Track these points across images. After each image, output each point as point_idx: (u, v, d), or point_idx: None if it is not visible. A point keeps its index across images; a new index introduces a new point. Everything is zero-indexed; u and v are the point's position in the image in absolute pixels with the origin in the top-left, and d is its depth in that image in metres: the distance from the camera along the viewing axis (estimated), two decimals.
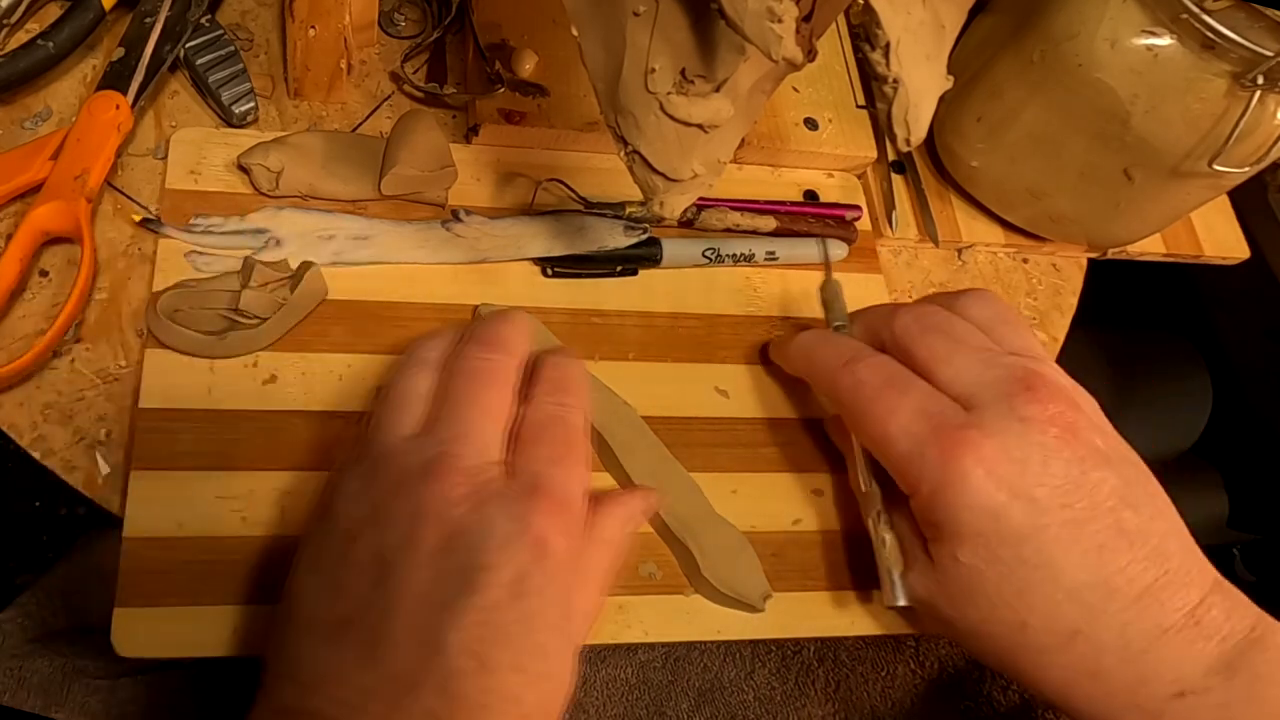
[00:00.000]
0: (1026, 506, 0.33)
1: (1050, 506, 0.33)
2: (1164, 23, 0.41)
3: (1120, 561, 0.33)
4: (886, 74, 0.30)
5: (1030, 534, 0.33)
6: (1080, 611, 0.33)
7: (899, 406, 0.35)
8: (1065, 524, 0.33)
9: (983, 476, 0.33)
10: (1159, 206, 0.49)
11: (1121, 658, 0.33)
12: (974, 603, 0.34)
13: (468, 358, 0.34)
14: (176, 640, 0.35)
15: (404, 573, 0.29)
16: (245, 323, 0.38)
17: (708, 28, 0.30)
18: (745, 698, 0.53)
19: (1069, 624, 0.33)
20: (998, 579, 0.33)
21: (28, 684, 0.44)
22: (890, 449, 0.35)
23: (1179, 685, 0.32)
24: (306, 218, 0.42)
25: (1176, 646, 0.33)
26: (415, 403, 0.34)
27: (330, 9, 0.42)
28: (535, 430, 0.33)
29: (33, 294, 0.39)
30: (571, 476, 0.32)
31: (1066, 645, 0.33)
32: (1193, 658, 0.33)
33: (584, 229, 0.45)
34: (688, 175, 0.33)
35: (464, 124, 0.47)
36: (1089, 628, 0.33)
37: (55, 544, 1.02)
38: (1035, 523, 0.33)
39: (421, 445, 0.32)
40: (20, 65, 0.41)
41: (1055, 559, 0.33)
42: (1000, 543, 0.33)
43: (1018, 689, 0.47)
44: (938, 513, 0.34)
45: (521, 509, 0.30)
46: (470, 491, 0.30)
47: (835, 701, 0.52)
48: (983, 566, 0.33)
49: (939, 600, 0.35)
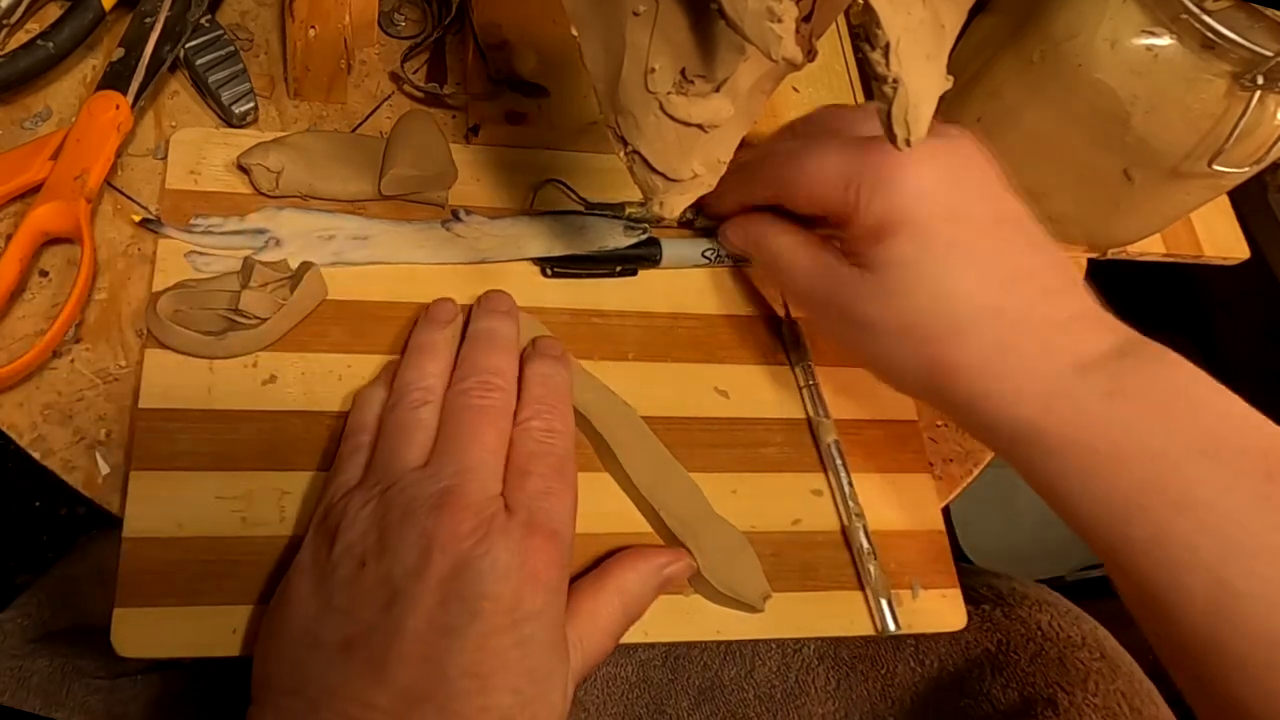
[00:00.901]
0: (953, 192, 0.36)
1: (973, 196, 0.36)
2: (1164, 23, 0.41)
3: (1031, 256, 0.36)
4: (886, 74, 0.30)
5: (956, 216, 0.36)
6: (999, 289, 0.35)
7: (827, 147, 0.38)
8: (986, 217, 0.36)
9: (915, 164, 0.36)
10: (1159, 207, 0.49)
11: (1033, 331, 0.35)
12: (906, 291, 0.36)
13: (470, 398, 0.37)
14: (176, 640, 0.35)
15: (412, 599, 0.31)
16: (245, 323, 0.38)
17: (708, 28, 0.30)
18: (745, 696, 0.53)
19: (989, 300, 0.35)
20: (930, 261, 0.36)
21: (27, 684, 0.44)
22: (826, 175, 0.37)
23: (1081, 359, 0.34)
24: (306, 218, 0.42)
25: (1080, 327, 0.35)
26: (419, 432, 0.36)
27: (330, 9, 0.42)
28: (527, 460, 0.36)
29: (33, 294, 0.39)
30: (561, 506, 0.35)
31: (983, 321, 0.35)
32: (1094, 340, 0.35)
33: (584, 229, 0.45)
34: (687, 175, 0.33)
35: (464, 124, 0.47)
36: (1006, 304, 0.35)
37: (55, 544, 1.02)
38: (961, 207, 0.36)
39: (428, 478, 0.34)
40: (20, 65, 0.41)
41: (978, 241, 0.36)
42: (933, 223, 0.36)
43: (1017, 688, 0.47)
44: (876, 207, 0.36)
45: (520, 544, 0.33)
46: (475, 526, 0.33)
47: (835, 700, 0.52)
48: (917, 253, 0.36)
49: (869, 305, 0.37)
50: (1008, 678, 0.48)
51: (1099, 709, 0.45)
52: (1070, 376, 0.34)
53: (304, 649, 0.32)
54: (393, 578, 0.32)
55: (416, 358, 0.39)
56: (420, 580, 0.32)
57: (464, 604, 0.31)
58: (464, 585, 0.31)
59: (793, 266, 0.41)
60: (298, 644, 0.32)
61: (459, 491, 0.33)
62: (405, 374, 0.38)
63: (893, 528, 0.43)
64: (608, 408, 0.41)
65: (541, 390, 0.38)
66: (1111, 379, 0.34)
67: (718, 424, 0.43)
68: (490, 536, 0.32)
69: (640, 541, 0.40)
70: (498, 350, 0.39)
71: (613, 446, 0.40)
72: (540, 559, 0.33)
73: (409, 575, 0.32)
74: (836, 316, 0.39)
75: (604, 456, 0.41)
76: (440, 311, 0.41)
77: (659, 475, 0.40)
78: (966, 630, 0.43)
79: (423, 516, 0.33)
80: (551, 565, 0.33)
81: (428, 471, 0.34)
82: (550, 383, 0.39)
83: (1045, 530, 1.02)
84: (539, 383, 0.38)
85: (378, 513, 0.33)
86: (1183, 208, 0.50)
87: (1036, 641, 0.48)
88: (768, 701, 0.52)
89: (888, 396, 0.45)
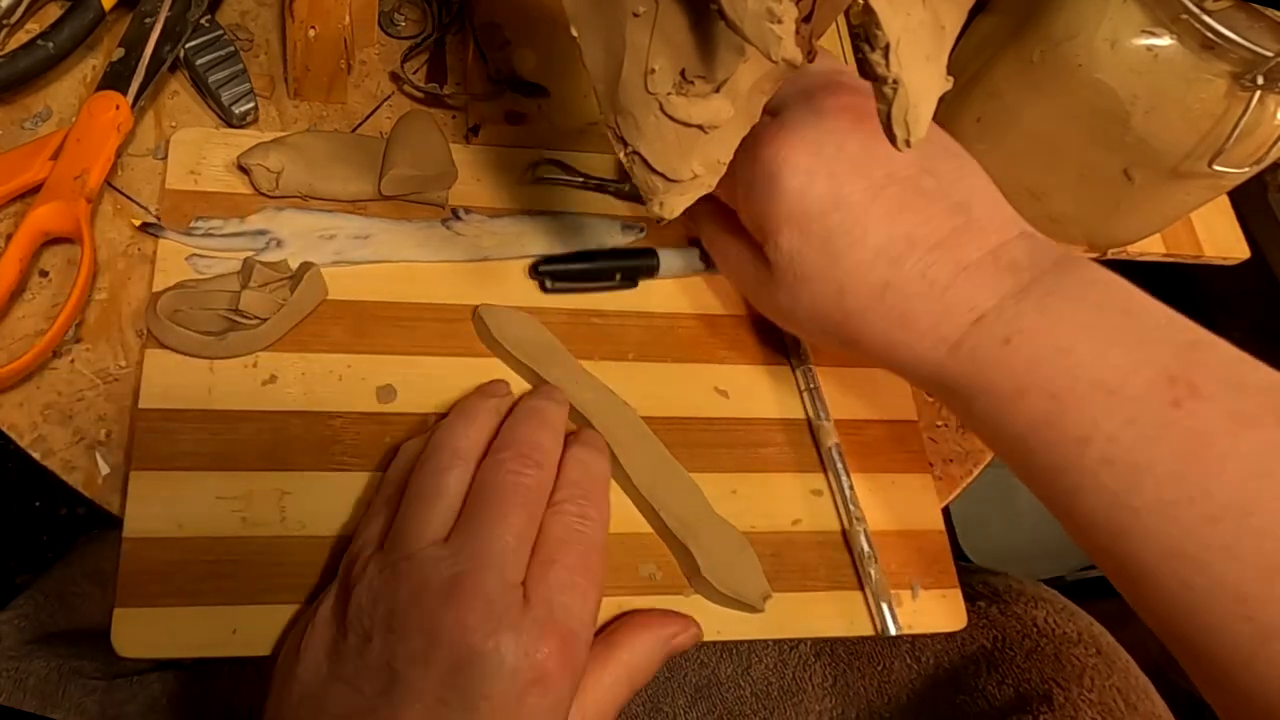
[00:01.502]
0: (826, 181, 0.36)
1: (848, 178, 0.36)
2: (1164, 23, 0.41)
3: (919, 217, 0.36)
4: (886, 75, 0.30)
5: (833, 205, 0.36)
6: (886, 264, 0.35)
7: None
8: (864, 191, 0.36)
9: (783, 162, 0.36)
10: (1159, 206, 0.49)
11: (926, 298, 0.35)
12: (803, 283, 0.37)
13: (504, 470, 0.35)
14: (176, 640, 0.35)
15: (411, 688, 0.30)
16: (245, 323, 0.38)
17: (708, 28, 0.30)
18: (742, 693, 0.53)
19: (879, 277, 0.36)
20: (817, 252, 0.36)
21: (24, 685, 0.44)
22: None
23: (977, 312, 0.35)
24: (307, 218, 0.42)
25: (975, 279, 0.35)
26: (445, 500, 0.34)
27: (330, 9, 0.42)
28: (554, 547, 0.34)
29: (33, 294, 0.39)
30: (584, 604, 0.33)
31: (880, 299, 0.36)
32: (990, 287, 0.35)
33: (582, 228, 0.45)
34: (687, 176, 0.33)
35: (464, 124, 0.47)
36: (895, 277, 0.35)
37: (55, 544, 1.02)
38: (836, 194, 0.36)
39: (444, 557, 0.32)
40: (20, 65, 0.41)
41: (858, 221, 0.36)
42: (809, 219, 0.36)
43: (1012, 684, 0.47)
44: (757, 208, 0.37)
45: (531, 644, 0.31)
46: (485, 619, 0.31)
47: (832, 696, 0.52)
48: (802, 245, 0.36)
49: (779, 298, 0.39)
50: (1004, 674, 0.48)
51: (1095, 705, 0.45)
52: (968, 331, 0.35)
53: (309, 711, 0.32)
54: (396, 660, 0.31)
55: (456, 420, 0.37)
56: (422, 670, 0.30)
57: (462, 700, 0.30)
58: (465, 681, 0.30)
59: (725, 262, 0.43)
60: (304, 705, 0.32)
61: (474, 579, 0.31)
62: (440, 434, 0.36)
63: (893, 528, 0.43)
64: (608, 408, 0.41)
65: (579, 475, 0.36)
66: (1008, 324, 0.34)
67: (718, 424, 0.43)
68: (500, 632, 0.31)
69: (640, 541, 0.40)
70: (543, 427, 0.37)
71: (613, 446, 0.40)
72: (550, 662, 0.31)
73: (412, 662, 0.31)
74: (766, 307, 0.41)
75: None
76: (492, 387, 0.40)
77: (659, 475, 0.40)
78: (962, 628, 0.43)
79: (433, 602, 0.31)
80: (562, 670, 0.32)
81: (446, 550, 0.33)
82: (589, 470, 0.37)
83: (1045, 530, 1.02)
84: (578, 468, 0.37)
85: (390, 585, 0.32)
86: (1183, 208, 0.50)
87: (1032, 638, 0.48)
88: (764, 698, 0.52)
89: (888, 396, 0.45)
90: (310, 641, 0.33)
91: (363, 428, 0.39)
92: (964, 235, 0.36)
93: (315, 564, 0.37)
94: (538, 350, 0.41)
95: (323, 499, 0.38)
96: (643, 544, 0.40)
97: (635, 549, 0.40)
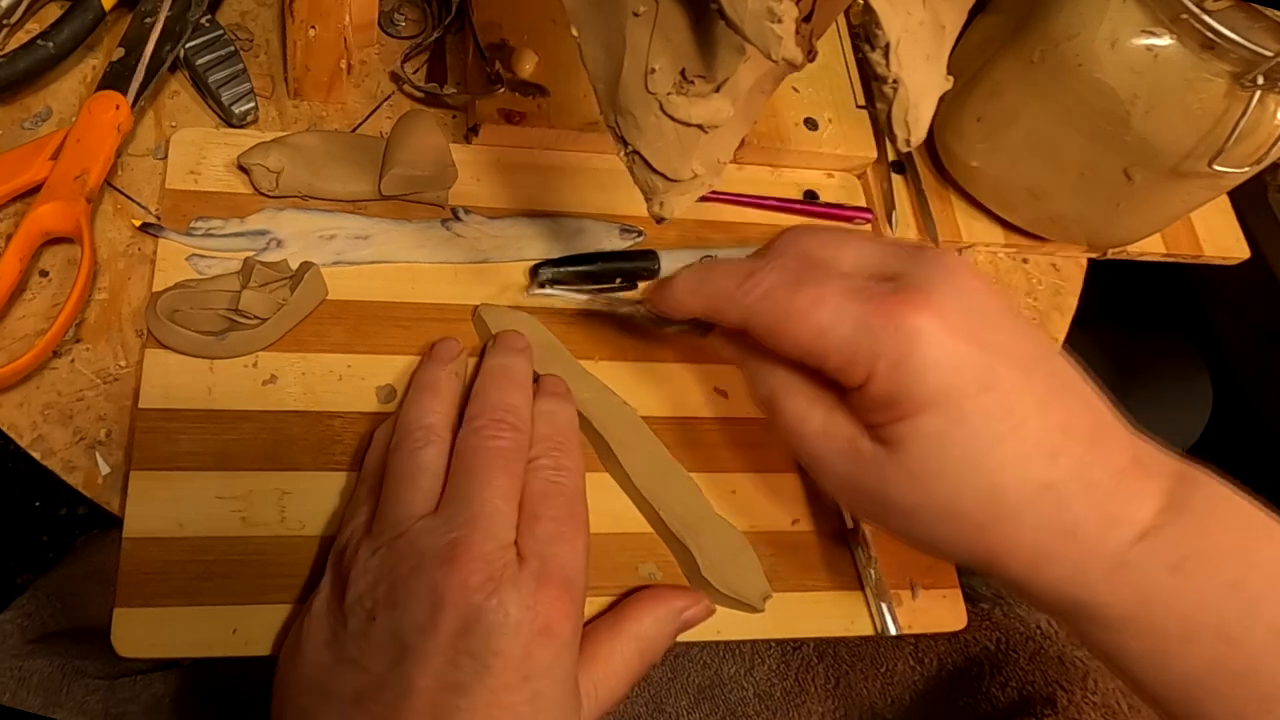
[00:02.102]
0: (982, 354, 0.31)
1: (1002, 352, 0.31)
2: (1164, 23, 0.41)
3: (1068, 406, 0.32)
4: (886, 74, 0.30)
5: (989, 383, 0.31)
6: (1045, 461, 0.31)
7: (822, 295, 0.32)
8: (1016, 370, 0.31)
9: (939, 329, 0.31)
10: (1159, 206, 0.49)
11: (1089, 504, 0.31)
12: (944, 475, 0.32)
13: (483, 436, 0.35)
14: (176, 640, 0.35)
15: (421, 655, 0.31)
16: (245, 323, 0.38)
17: (708, 28, 0.30)
18: (745, 694, 0.53)
19: (1037, 476, 0.31)
20: (966, 439, 0.31)
21: (27, 683, 0.44)
22: (828, 340, 0.32)
23: (1139, 526, 0.31)
24: (307, 218, 0.42)
25: (1132, 486, 0.32)
26: (426, 477, 0.35)
27: (330, 9, 0.42)
28: (538, 502, 0.35)
29: (33, 294, 0.39)
30: (573, 551, 0.34)
31: (1037, 502, 0.31)
32: (1147, 496, 0.32)
33: (581, 231, 0.45)
34: (688, 175, 0.33)
35: (464, 124, 0.47)
36: (1055, 476, 0.31)
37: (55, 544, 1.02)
38: (992, 371, 0.31)
39: (437, 527, 0.33)
40: (20, 65, 0.41)
41: (1015, 406, 0.31)
42: (964, 396, 0.31)
43: (1016, 686, 0.47)
44: (900, 384, 0.31)
45: (531, 596, 0.32)
46: (486, 579, 0.32)
47: (835, 698, 0.52)
48: (950, 429, 0.31)
49: (901, 490, 0.32)
50: (1007, 676, 0.48)
51: (1098, 707, 0.45)
52: (1133, 550, 0.31)
53: (316, 699, 0.32)
54: (403, 632, 0.31)
55: (419, 395, 0.37)
56: (430, 636, 0.31)
57: (474, 660, 0.31)
58: (474, 641, 0.31)
59: (804, 436, 0.35)
60: (310, 694, 0.32)
61: (469, 542, 0.32)
62: (408, 413, 0.37)
63: None
64: (608, 408, 0.41)
65: (549, 429, 0.37)
66: (1174, 546, 0.31)
67: (718, 424, 0.43)
68: (501, 589, 0.31)
69: (640, 541, 0.40)
70: (512, 387, 0.38)
71: (613, 446, 0.40)
72: (553, 611, 0.32)
73: (419, 631, 0.31)
74: (864, 498, 0.34)
75: (604, 456, 0.41)
76: (443, 350, 0.40)
77: (659, 475, 0.40)
78: (966, 629, 0.43)
79: (432, 569, 0.32)
80: (564, 617, 0.32)
81: (437, 520, 0.33)
82: (556, 420, 0.38)
83: None
84: (547, 422, 0.37)
85: (387, 563, 0.33)
86: (1183, 208, 0.50)
87: (1036, 640, 0.48)
88: (767, 700, 0.52)
89: None
90: (309, 635, 0.33)
91: (363, 428, 0.39)
92: (1108, 433, 0.32)
93: (315, 564, 0.37)
94: (538, 350, 0.41)
95: (323, 499, 0.38)
96: (643, 544, 0.40)
97: (635, 549, 0.40)
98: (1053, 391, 0.32)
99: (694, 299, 0.37)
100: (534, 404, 0.38)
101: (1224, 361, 0.89)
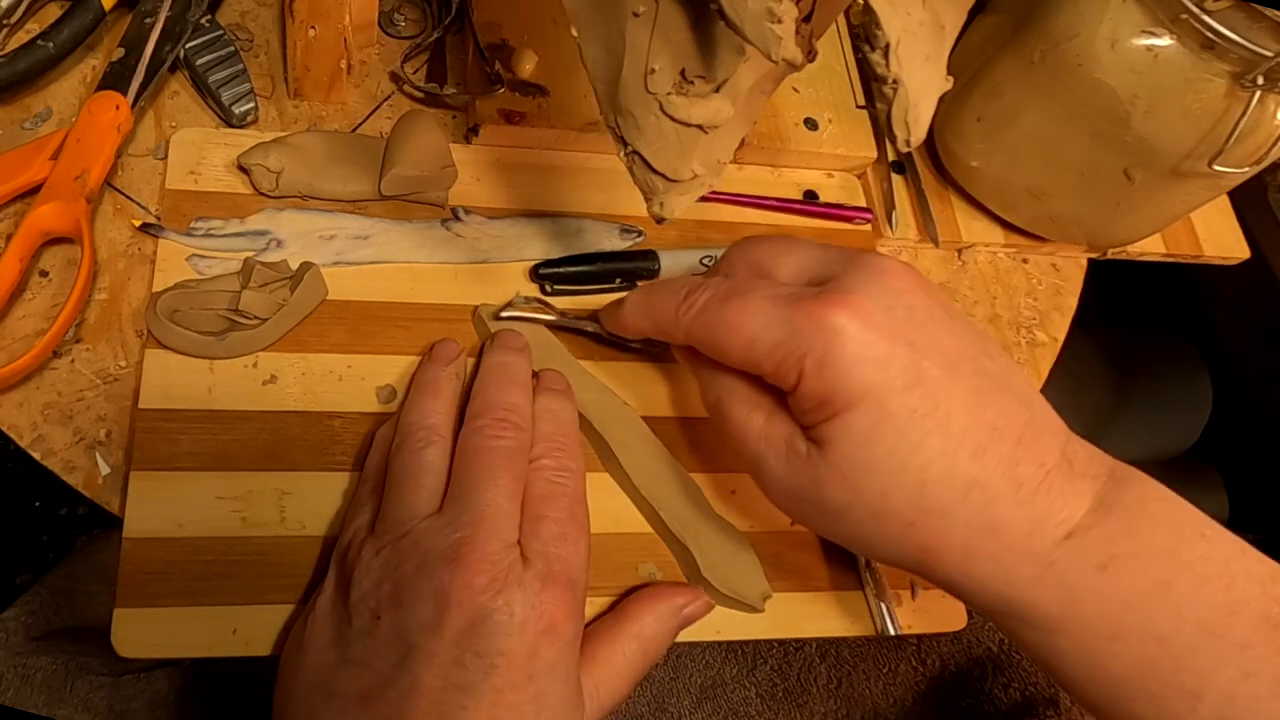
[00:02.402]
0: (906, 351, 0.31)
1: (929, 350, 0.32)
2: (1164, 23, 0.41)
3: (997, 404, 0.32)
4: (886, 74, 0.30)
5: (914, 381, 0.31)
6: (971, 458, 0.31)
7: (749, 306, 0.33)
8: (943, 368, 0.32)
9: (860, 328, 0.31)
10: (1159, 206, 0.49)
11: (1015, 501, 0.31)
12: (873, 473, 0.32)
13: (485, 436, 0.35)
14: (176, 640, 0.35)
15: (427, 654, 0.31)
16: (245, 323, 0.38)
17: (708, 28, 0.30)
18: (747, 694, 0.53)
19: (964, 473, 0.31)
20: (893, 436, 0.31)
21: (31, 681, 0.44)
22: (758, 347, 0.33)
23: (1066, 525, 0.31)
24: (307, 218, 0.42)
25: (1059, 485, 0.32)
26: (429, 477, 0.35)
27: (330, 9, 0.42)
28: (541, 503, 0.35)
29: (33, 294, 0.39)
30: (576, 551, 0.35)
31: (964, 499, 0.31)
32: (1076, 495, 0.32)
33: (581, 231, 0.45)
34: (687, 176, 0.33)
35: (464, 124, 0.47)
36: (981, 473, 0.31)
37: (55, 544, 1.02)
38: (917, 368, 0.31)
39: (441, 527, 0.33)
40: (20, 65, 0.41)
41: (941, 404, 0.31)
42: (889, 392, 0.31)
43: (1019, 687, 0.47)
44: (826, 382, 0.32)
45: (537, 597, 0.32)
46: (491, 579, 0.32)
47: (837, 699, 0.52)
48: (876, 426, 0.31)
49: (834, 489, 0.33)
50: (1010, 677, 0.48)
51: None
52: (1059, 549, 0.31)
53: (320, 699, 0.32)
54: (408, 632, 0.31)
55: (419, 396, 0.38)
56: (436, 636, 0.31)
57: (480, 660, 0.31)
58: (480, 641, 0.31)
59: (746, 439, 0.35)
60: (314, 694, 0.32)
61: (474, 542, 0.32)
62: (409, 414, 0.37)
63: None
64: (608, 408, 0.41)
65: (550, 427, 0.37)
66: (1102, 545, 0.31)
67: (718, 424, 0.43)
68: (507, 589, 0.32)
69: (640, 541, 0.40)
70: (511, 385, 0.38)
71: (613, 446, 0.40)
72: (558, 611, 0.32)
73: (424, 630, 0.31)
74: (801, 501, 0.34)
75: (604, 456, 0.41)
76: (443, 350, 0.40)
77: (659, 475, 0.40)
78: (968, 629, 0.43)
79: (438, 569, 0.32)
80: (568, 617, 0.33)
81: (441, 520, 0.33)
82: (558, 418, 0.38)
83: None
84: (547, 419, 0.38)
85: (392, 563, 0.33)
86: (1183, 208, 0.50)
87: None
88: (769, 699, 0.52)
89: None
90: (312, 635, 0.33)
91: (363, 428, 0.39)
92: (1038, 431, 0.32)
93: (315, 564, 0.37)
94: (538, 350, 0.41)
95: (323, 499, 0.38)
96: (643, 544, 0.40)
97: (635, 549, 0.40)
98: (981, 390, 0.32)
99: (641, 320, 0.38)
100: (535, 400, 0.38)
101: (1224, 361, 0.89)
